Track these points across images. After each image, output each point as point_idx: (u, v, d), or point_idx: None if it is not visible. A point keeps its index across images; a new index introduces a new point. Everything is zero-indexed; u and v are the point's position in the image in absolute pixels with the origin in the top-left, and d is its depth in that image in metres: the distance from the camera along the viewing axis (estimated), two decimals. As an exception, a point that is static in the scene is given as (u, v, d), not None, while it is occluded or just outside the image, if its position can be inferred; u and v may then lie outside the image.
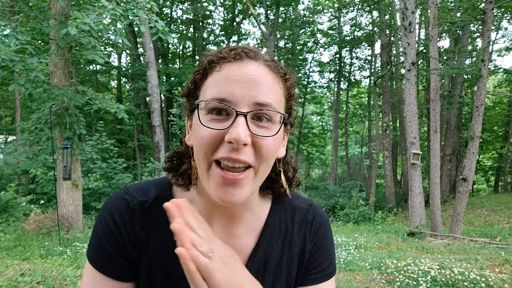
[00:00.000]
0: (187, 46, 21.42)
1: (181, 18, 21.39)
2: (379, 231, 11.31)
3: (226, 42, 20.29)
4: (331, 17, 22.83)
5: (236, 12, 20.85)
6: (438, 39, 11.86)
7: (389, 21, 18.31)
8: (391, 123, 18.85)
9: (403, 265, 5.59)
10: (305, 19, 21.98)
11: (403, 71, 14.55)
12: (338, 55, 23.08)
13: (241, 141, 0.60)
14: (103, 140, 12.42)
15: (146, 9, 5.86)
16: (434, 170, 10.07)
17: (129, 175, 13.09)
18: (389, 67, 17.36)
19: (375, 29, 19.92)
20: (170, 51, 21.73)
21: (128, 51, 18.87)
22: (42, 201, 10.92)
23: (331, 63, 24.14)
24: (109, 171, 12.64)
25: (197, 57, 20.69)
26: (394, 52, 18.96)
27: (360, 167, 26.45)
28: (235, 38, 20.91)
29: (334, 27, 22.45)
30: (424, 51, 16.01)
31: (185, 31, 21.43)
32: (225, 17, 21.81)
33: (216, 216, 0.75)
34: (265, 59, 0.68)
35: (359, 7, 20.08)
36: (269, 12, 19.61)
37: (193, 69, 0.73)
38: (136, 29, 15.79)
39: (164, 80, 17.46)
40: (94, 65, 19.51)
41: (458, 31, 15.10)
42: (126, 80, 21.12)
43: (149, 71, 12.40)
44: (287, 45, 22.82)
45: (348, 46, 22.26)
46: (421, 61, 17.94)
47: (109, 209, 0.75)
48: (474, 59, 15.94)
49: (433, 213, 9.78)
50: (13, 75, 6.44)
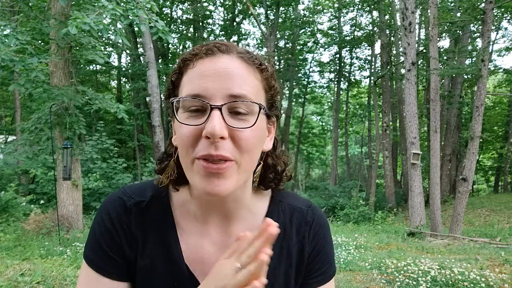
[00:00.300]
0: (187, 46, 21.37)
1: (181, 18, 21.39)
2: (379, 231, 11.31)
3: (226, 42, 20.21)
4: (331, 17, 22.84)
5: (236, 12, 20.84)
6: (438, 39, 11.86)
7: (389, 21, 18.30)
8: (391, 123, 18.85)
9: (403, 265, 5.58)
10: (305, 19, 21.97)
11: (403, 71, 14.55)
12: (338, 55, 23.07)
13: (217, 134, 0.60)
14: (103, 140, 12.42)
15: (146, 9, 5.86)
16: (434, 170, 10.07)
17: (129, 175, 13.09)
18: (389, 67, 17.35)
19: (375, 29, 19.91)
20: (170, 51, 21.71)
21: (128, 51, 18.87)
22: (42, 201, 10.93)
23: (331, 63, 24.13)
24: (109, 171, 12.65)
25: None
26: (394, 52, 18.96)
27: (360, 167, 26.45)
28: (235, 38, 20.88)
29: (334, 27, 22.45)
30: (424, 51, 16.00)
31: (185, 31, 21.41)
32: (225, 17, 21.81)
33: (211, 215, 0.74)
34: (238, 51, 0.67)
35: (359, 7, 20.09)
36: (269, 12, 19.62)
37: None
38: (136, 29, 15.78)
39: (164, 80, 17.42)
40: (94, 65, 19.50)
41: (458, 31, 15.11)
42: (126, 80, 21.11)
43: (149, 71, 12.39)
44: (287, 45, 22.82)
45: (348, 46, 22.25)
46: (421, 61, 17.93)
47: (106, 209, 0.75)
48: (474, 59, 15.94)
49: (433, 213, 9.78)
50: (13, 75, 6.45)
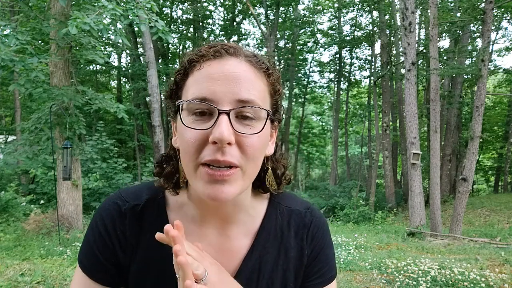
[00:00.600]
0: (187, 46, 21.38)
1: (181, 18, 21.39)
2: (379, 231, 11.31)
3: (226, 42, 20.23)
4: (331, 17, 22.83)
5: (236, 12, 20.84)
6: (438, 39, 11.86)
7: (389, 21, 18.30)
8: (391, 123, 18.85)
9: (403, 265, 5.58)
10: (305, 19, 21.97)
11: (403, 71, 14.54)
12: (338, 55, 23.07)
13: (225, 140, 0.58)
14: (103, 140, 12.42)
15: (146, 9, 5.86)
16: (434, 170, 10.07)
17: (129, 175, 13.09)
18: (389, 67, 17.35)
19: (375, 29, 19.91)
20: (170, 51, 21.71)
21: (128, 51, 18.87)
22: (42, 201, 10.93)
23: (331, 63, 24.13)
24: (109, 171, 12.65)
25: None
26: (394, 52, 18.95)
27: (360, 167, 26.46)
28: (235, 38, 20.88)
29: (334, 27, 22.45)
30: (424, 51, 16.00)
31: (185, 31, 21.41)
32: (225, 17, 21.81)
33: (209, 218, 0.74)
34: (246, 54, 0.66)
35: (359, 7, 20.08)
36: (269, 12, 19.62)
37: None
38: (136, 29, 15.78)
39: (164, 80, 17.43)
40: (94, 65, 19.50)
41: (458, 31, 15.11)
42: (126, 80, 21.11)
43: (149, 71, 12.38)
44: (287, 45, 22.82)
45: (348, 46, 22.25)
46: (421, 61, 17.93)
47: (100, 215, 0.74)
48: (474, 59, 15.95)
49: (433, 213, 9.78)
50: (13, 75, 6.44)
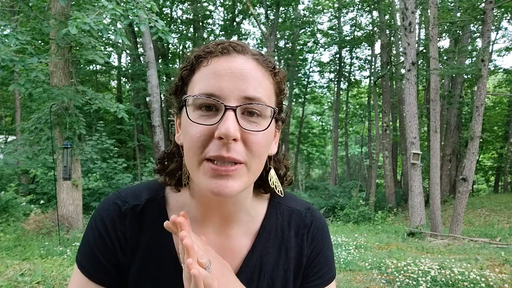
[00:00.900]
0: (187, 46, 21.37)
1: (181, 18, 21.39)
2: (379, 231, 11.31)
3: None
4: (331, 17, 22.84)
5: (236, 12, 20.84)
6: (438, 39, 11.86)
7: (389, 21, 18.30)
8: (391, 123, 18.85)
9: (403, 265, 5.58)
10: (305, 19, 21.96)
11: (403, 71, 14.54)
12: (338, 55, 23.08)
13: (231, 135, 0.58)
14: (103, 140, 12.43)
15: (146, 9, 5.86)
16: (434, 170, 10.07)
17: (129, 175, 13.10)
18: (389, 67, 17.35)
19: (375, 29, 19.91)
20: (170, 51, 21.72)
21: (128, 51, 18.87)
22: (42, 201, 10.93)
23: (331, 63, 24.14)
24: (109, 171, 12.66)
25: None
26: (394, 52, 18.96)
27: (360, 167, 26.46)
28: (235, 38, 20.87)
29: (334, 27, 22.45)
30: (424, 51, 16.00)
31: (185, 31, 21.41)
32: (225, 17, 21.81)
33: (210, 217, 0.73)
34: (253, 53, 0.67)
35: (359, 7, 20.08)
36: (269, 12, 19.61)
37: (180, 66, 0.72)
38: (136, 29, 15.78)
39: (164, 80, 17.45)
40: (94, 65, 19.51)
41: (458, 31, 15.11)
42: (126, 80, 21.12)
43: (149, 71, 12.38)
44: (287, 45, 22.81)
45: (348, 46, 22.26)
46: (421, 61, 17.93)
47: (100, 215, 0.74)
48: (474, 59, 15.95)
49: (433, 213, 9.78)
50: (13, 75, 6.45)
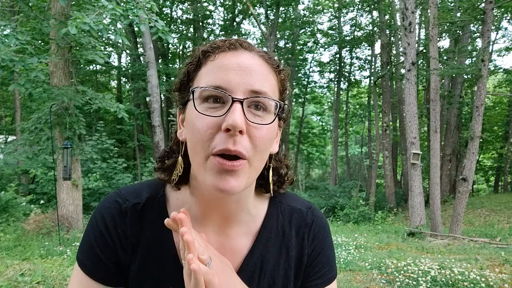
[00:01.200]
0: (187, 46, 21.37)
1: (181, 18, 21.39)
2: (379, 231, 11.31)
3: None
4: (331, 17, 22.82)
5: (236, 12, 20.84)
6: (438, 39, 11.85)
7: (389, 21, 18.29)
8: (391, 123, 18.85)
9: (403, 265, 5.58)
10: (305, 19, 21.95)
11: (403, 71, 14.54)
12: (338, 55, 23.07)
13: (238, 126, 0.59)
14: (103, 140, 12.43)
15: (146, 9, 5.86)
16: (434, 170, 10.07)
17: (129, 175, 13.10)
18: (389, 67, 17.35)
19: (375, 29, 19.91)
20: (170, 51, 21.72)
21: (128, 51, 18.86)
22: (42, 201, 10.93)
23: (331, 63, 24.14)
24: (109, 171, 12.66)
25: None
26: (394, 52, 18.95)
27: (360, 167, 26.46)
28: (235, 38, 20.86)
29: (334, 27, 22.44)
30: (424, 51, 16.00)
31: (185, 31, 21.40)
32: (225, 17, 21.81)
33: (210, 216, 0.73)
34: (258, 50, 0.69)
35: (359, 7, 20.08)
36: (269, 12, 19.60)
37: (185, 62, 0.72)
38: (136, 29, 15.78)
39: (164, 80, 17.45)
40: (94, 65, 19.50)
41: (458, 31, 15.11)
42: (126, 80, 21.11)
43: (149, 71, 12.38)
44: (287, 45, 22.80)
45: (348, 46, 22.25)
46: (421, 61, 17.93)
47: (101, 213, 0.74)
48: (474, 59, 15.94)
49: (433, 213, 9.78)
50: (13, 75, 6.44)
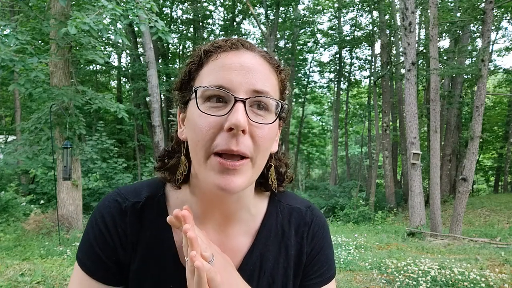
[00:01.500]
0: (187, 46, 21.38)
1: (181, 18, 21.39)
2: (379, 231, 11.30)
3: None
4: (331, 17, 22.83)
5: (236, 12, 20.85)
6: (438, 39, 11.85)
7: (389, 21, 18.30)
8: (391, 123, 18.85)
9: (403, 265, 5.58)
10: (305, 19, 21.96)
11: (403, 71, 14.54)
12: (338, 55, 23.07)
13: (241, 126, 0.59)
14: (103, 140, 12.43)
15: (146, 9, 5.86)
16: (434, 170, 10.07)
17: (129, 175, 13.10)
18: (389, 67, 17.35)
19: (375, 29, 19.91)
20: (170, 51, 21.71)
21: (128, 51, 18.86)
22: (42, 201, 10.93)
23: (331, 63, 24.14)
24: (109, 171, 12.66)
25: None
26: (394, 52, 18.95)
27: (360, 167, 26.45)
28: (236, 37, 20.85)
29: (334, 27, 22.45)
30: (424, 51, 16.00)
31: (185, 31, 21.41)
32: (225, 17, 21.81)
33: (211, 215, 0.73)
34: (259, 50, 0.69)
35: (359, 7, 20.08)
36: (269, 12, 19.60)
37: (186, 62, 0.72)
38: (136, 29, 15.78)
39: (164, 80, 17.45)
40: (94, 65, 19.50)
41: (458, 31, 15.11)
42: (126, 80, 21.11)
43: (149, 71, 12.38)
44: (287, 45, 22.80)
45: (348, 46, 22.25)
46: (421, 61, 17.93)
47: (100, 212, 0.74)
48: (474, 59, 15.95)
49: (433, 213, 9.78)
50: (13, 75, 6.44)
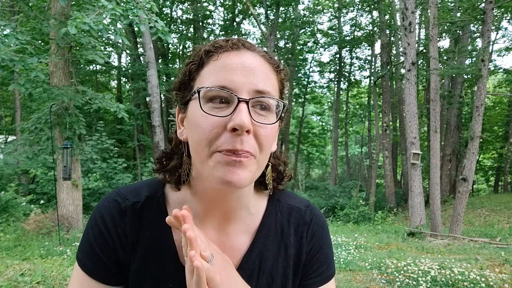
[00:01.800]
0: (187, 46, 21.37)
1: (181, 18, 21.39)
2: (379, 231, 11.31)
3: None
4: (331, 17, 22.84)
5: (236, 12, 20.84)
6: (438, 39, 11.86)
7: (389, 21, 18.30)
8: (391, 123, 18.85)
9: (403, 265, 5.58)
10: (305, 19, 21.96)
11: (403, 71, 14.55)
12: (338, 55, 23.08)
13: (246, 126, 0.59)
14: (103, 140, 12.43)
15: (146, 9, 5.86)
16: (434, 170, 10.07)
17: (129, 175, 13.11)
18: (389, 67, 17.35)
19: (375, 29, 19.91)
20: (170, 51, 21.71)
21: (128, 51, 18.86)
22: (42, 201, 10.94)
23: (331, 63, 24.15)
24: (109, 171, 12.66)
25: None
26: (394, 52, 18.95)
27: (360, 167, 26.45)
28: (236, 38, 20.86)
29: (334, 27, 22.45)
30: (424, 51, 16.00)
31: (185, 31, 21.41)
32: (225, 17, 21.81)
33: (211, 214, 0.74)
34: (259, 50, 0.70)
35: (359, 7, 20.09)
36: (269, 12, 19.61)
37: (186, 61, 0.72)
38: (136, 29, 15.78)
39: (164, 80, 17.45)
40: (94, 65, 19.51)
41: (458, 31, 15.11)
42: (126, 80, 21.12)
43: (149, 71, 12.38)
44: (287, 45, 22.80)
45: (348, 46, 22.26)
46: (421, 61, 17.93)
47: (100, 212, 0.74)
48: (474, 59, 15.95)
49: (433, 213, 9.78)
50: (13, 75, 6.44)
